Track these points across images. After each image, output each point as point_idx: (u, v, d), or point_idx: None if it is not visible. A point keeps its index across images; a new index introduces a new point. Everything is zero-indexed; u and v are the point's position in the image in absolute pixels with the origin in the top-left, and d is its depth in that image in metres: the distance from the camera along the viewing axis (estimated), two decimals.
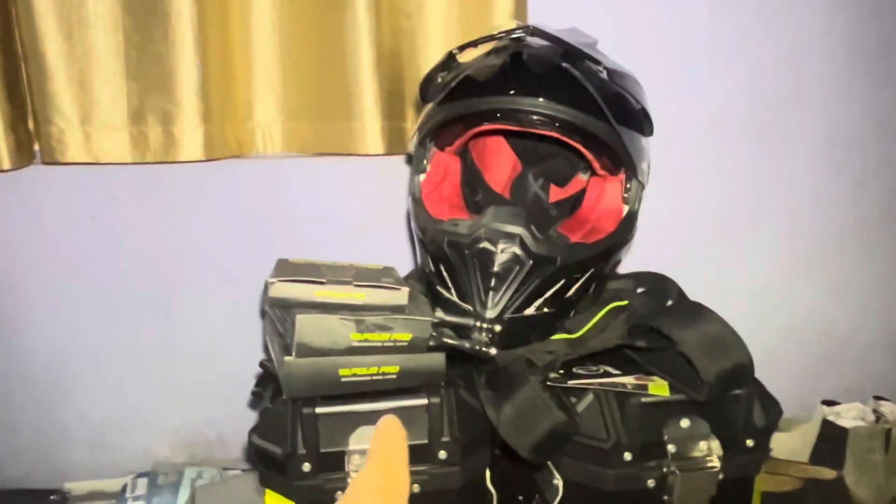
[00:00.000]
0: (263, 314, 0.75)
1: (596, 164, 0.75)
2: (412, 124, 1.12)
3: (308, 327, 0.62)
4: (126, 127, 1.03)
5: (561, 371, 0.69)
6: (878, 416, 1.15)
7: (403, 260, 1.08)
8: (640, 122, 0.75)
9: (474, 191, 0.88)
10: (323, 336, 0.63)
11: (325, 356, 0.63)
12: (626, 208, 0.76)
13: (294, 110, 1.12)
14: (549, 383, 0.66)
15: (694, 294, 0.90)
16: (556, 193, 0.92)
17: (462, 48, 0.77)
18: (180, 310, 1.13)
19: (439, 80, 0.78)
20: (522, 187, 0.92)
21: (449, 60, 0.78)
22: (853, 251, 1.33)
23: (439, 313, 0.66)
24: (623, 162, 0.73)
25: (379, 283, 0.67)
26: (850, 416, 1.15)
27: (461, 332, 0.68)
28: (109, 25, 1.01)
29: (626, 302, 0.75)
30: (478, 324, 0.67)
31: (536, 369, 0.68)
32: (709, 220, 1.25)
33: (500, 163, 0.91)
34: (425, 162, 0.80)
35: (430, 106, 0.77)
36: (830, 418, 1.15)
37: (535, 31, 0.72)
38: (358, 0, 1.03)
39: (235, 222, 1.12)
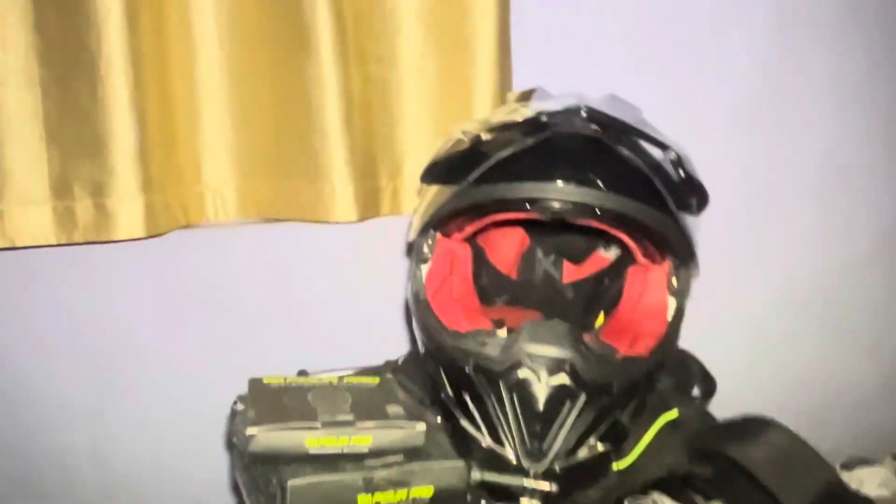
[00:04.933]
0: (230, 445, 0.59)
1: (639, 254, 0.63)
2: (387, 183, 0.99)
3: (303, 495, 0.48)
4: (48, 201, 0.85)
5: None
6: None
7: (378, 341, 0.94)
8: (696, 202, 0.64)
9: (478, 273, 0.75)
10: (323, 503, 0.48)
11: None
12: (673, 302, 0.64)
13: (250, 170, 0.96)
14: None
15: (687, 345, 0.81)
16: (570, 272, 0.79)
17: (490, 130, 0.63)
18: (118, 414, 0.95)
19: (452, 160, 0.64)
20: (531, 265, 0.80)
21: (465, 140, 0.64)
22: (849, 290, 1.26)
23: (475, 474, 0.53)
24: (678, 251, 0.61)
25: (386, 417, 0.54)
26: (873, 482, 1.07)
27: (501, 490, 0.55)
28: (23, 79, 0.84)
29: (676, 412, 0.64)
30: (528, 485, 0.54)
31: None
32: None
33: (506, 239, 0.78)
34: (427, 251, 0.66)
35: (437, 188, 0.63)
36: (853, 486, 1.06)
37: (581, 112, 0.59)
38: (322, 43, 0.89)
39: (184, 306, 0.95)
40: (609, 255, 0.76)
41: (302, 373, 0.75)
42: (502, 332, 0.58)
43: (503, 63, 0.96)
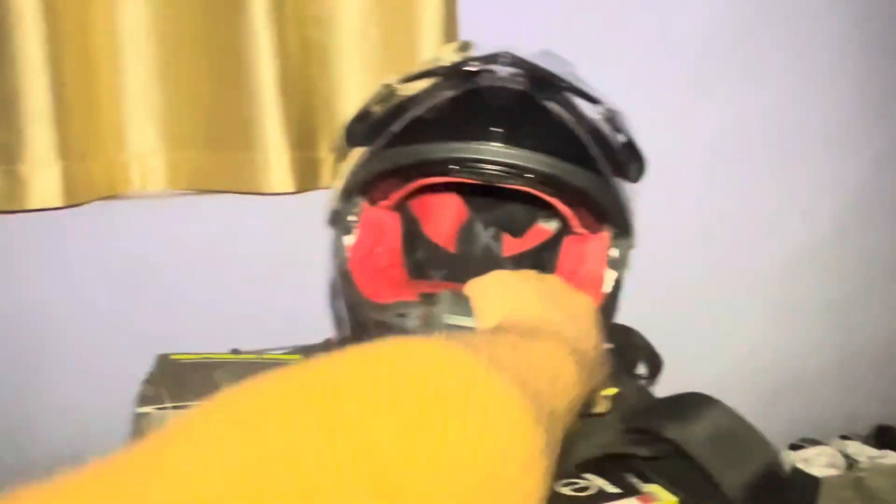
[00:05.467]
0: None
1: (575, 223, 0.60)
2: (327, 153, 0.94)
3: None
4: None
5: None
6: (848, 461, 1.07)
7: (314, 319, 0.90)
8: (634, 168, 0.60)
9: (413, 246, 0.71)
10: None
11: None
12: (611, 275, 0.61)
13: (179, 138, 0.91)
14: None
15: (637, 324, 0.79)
16: (511, 245, 0.76)
17: (407, 79, 0.59)
18: (32, 393, 0.89)
19: (373, 117, 0.60)
20: (470, 238, 0.76)
21: (387, 94, 0.60)
22: (805, 275, 1.26)
23: None
24: (614, 219, 0.58)
25: None
26: (819, 462, 1.06)
27: None
28: None
29: (614, 390, 0.60)
30: None
31: None
32: (649, 239, 1.14)
33: (442, 210, 0.74)
34: (352, 221, 0.61)
35: (360, 151, 0.59)
36: (800, 465, 1.05)
37: (506, 58, 0.55)
38: (255, 3, 0.84)
39: (106, 281, 0.90)
40: (550, 227, 0.73)
41: (234, 351, 0.70)
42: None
43: (449, 27, 0.91)
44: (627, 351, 0.78)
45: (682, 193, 1.13)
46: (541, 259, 0.69)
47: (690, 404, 0.55)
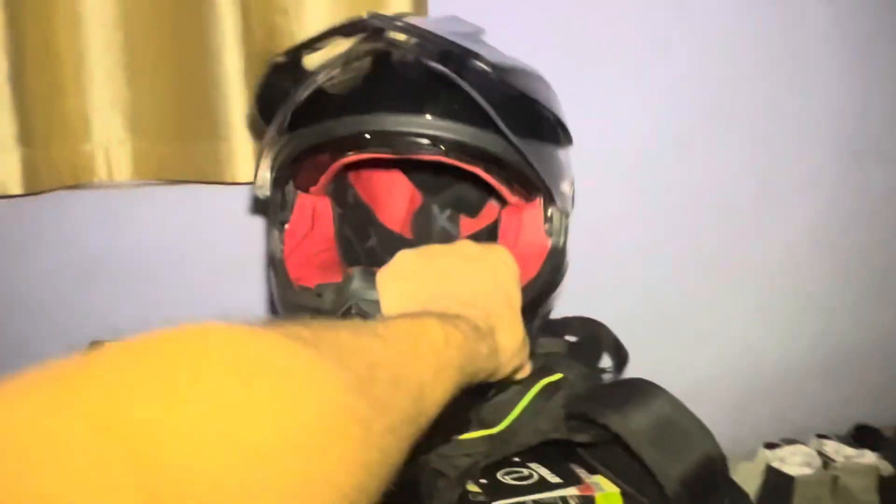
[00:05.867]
0: None
1: (504, 191, 0.59)
2: None
3: None
4: None
5: (483, 480, 0.52)
6: (824, 460, 1.06)
7: None
8: (552, 131, 0.59)
9: (365, 235, 0.70)
10: None
11: None
12: (549, 242, 0.60)
13: (145, 128, 0.90)
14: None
15: (614, 329, 0.78)
16: (468, 226, 0.75)
17: (307, 45, 0.58)
18: None
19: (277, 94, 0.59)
20: (426, 222, 0.75)
21: (293, 65, 0.59)
22: (782, 273, 1.24)
23: None
24: (534, 185, 0.57)
25: None
26: (795, 461, 1.05)
27: None
28: None
29: (559, 376, 0.59)
30: None
31: (449, 482, 0.51)
32: (626, 237, 1.13)
33: (393, 195, 0.73)
34: (285, 209, 0.60)
35: (273, 132, 0.58)
36: (775, 464, 1.04)
37: (391, 22, 0.53)
38: None
39: (67, 272, 0.89)
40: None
41: None
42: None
43: (418, 9, 0.90)
44: (592, 343, 0.77)
45: (658, 187, 1.12)
46: (495, 235, 0.67)
47: (633, 391, 0.54)
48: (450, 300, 0.44)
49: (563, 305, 0.79)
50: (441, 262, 0.49)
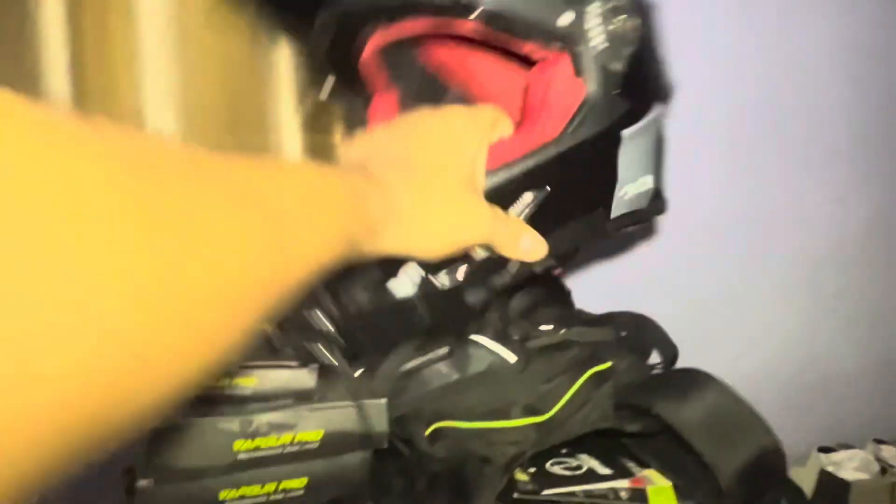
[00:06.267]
0: None
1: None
2: (339, 138, 0.94)
3: (169, 440, 0.43)
4: None
5: (531, 469, 0.52)
6: (882, 465, 1.02)
7: None
8: None
9: None
10: (193, 450, 0.44)
11: (197, 478, 0.44)
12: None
13: (196, 121, 0.92)
14: (516, 496, 0.48)
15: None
16: None
17: None
18: None
19: None
20: None
21: None
22: (839, 273, 1.20)
23: None
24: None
25: (276, 358, 0.49)
26: (850, 466, 1.01)
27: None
28: None
29: (607, 364, 0.58)
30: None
31: (496, 469, 0.50)
32: (675, 241, 1.10)
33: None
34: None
35: None
36: (829, 469, 1.00)
37: None
38: None
39: None
40: None
41: None
42: None
43: None
44: (641, 337, 0.75)
45: (706, 187, 1.09)
46: None
47: (686, 382, 0.52)
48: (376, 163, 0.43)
49: (611, 303, 0.78)
50: (395, 136, 0.47)
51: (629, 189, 0.56)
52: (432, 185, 0.45)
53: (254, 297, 0.25)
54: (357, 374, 0.54)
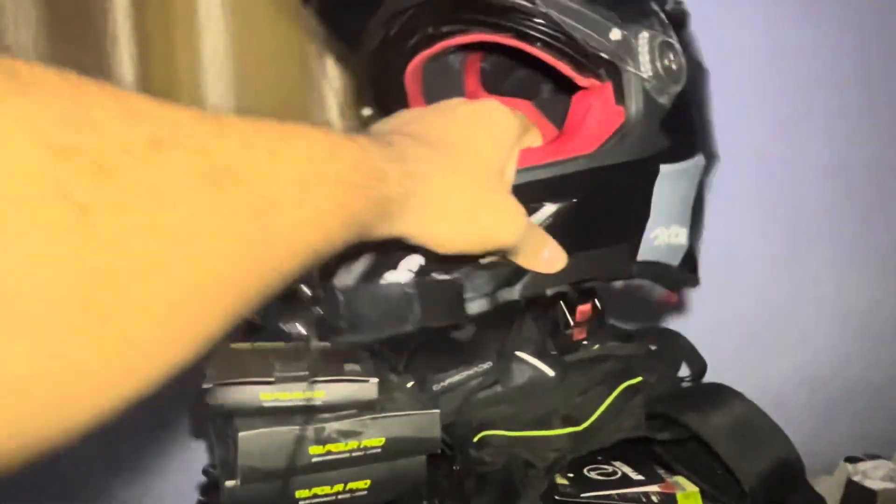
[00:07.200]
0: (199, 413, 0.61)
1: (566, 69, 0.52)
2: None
3: (254, 446, 0.49)
4: None
5: (570, 475, 0.57)
6: None
7: None
8: None
9: None
10: (273, 454, 0.50)
11: (277, 479, 0.50)
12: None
13: (251, 110, 0.98)
14: (557, 498, 0.53)
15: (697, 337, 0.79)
16: None
17: None
18: None
19: None
20: None
21: None
22: (867, 282, 1.23)
23: None
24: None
25: (342, 373, 0.55)
26: (877, 475, 1.04)
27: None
28: (33, 57, 0.87)
29: (639, 379, 0.63)
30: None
31: (538, 472, 0.56)
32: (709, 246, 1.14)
33: None
34: None
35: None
36: (856, 479, 1.04)
37: None
38: None
39: None
40: None
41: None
42: None
43: None
44: (670, 352, 0.80)
45: (738, 199, 1.13)
46: None
47: (711, 394, 0.57)
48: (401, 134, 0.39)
49: (643, 315, 0.82)
50: (429, 112, 0.45)
51: (660, 234, 0.54)
52: (467, 166, 0.40)
53: (223, 292, 0.22)
54: (409, 385, 0.61)
